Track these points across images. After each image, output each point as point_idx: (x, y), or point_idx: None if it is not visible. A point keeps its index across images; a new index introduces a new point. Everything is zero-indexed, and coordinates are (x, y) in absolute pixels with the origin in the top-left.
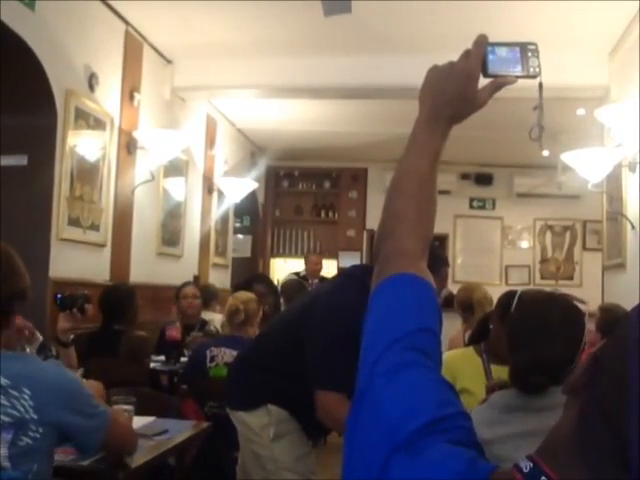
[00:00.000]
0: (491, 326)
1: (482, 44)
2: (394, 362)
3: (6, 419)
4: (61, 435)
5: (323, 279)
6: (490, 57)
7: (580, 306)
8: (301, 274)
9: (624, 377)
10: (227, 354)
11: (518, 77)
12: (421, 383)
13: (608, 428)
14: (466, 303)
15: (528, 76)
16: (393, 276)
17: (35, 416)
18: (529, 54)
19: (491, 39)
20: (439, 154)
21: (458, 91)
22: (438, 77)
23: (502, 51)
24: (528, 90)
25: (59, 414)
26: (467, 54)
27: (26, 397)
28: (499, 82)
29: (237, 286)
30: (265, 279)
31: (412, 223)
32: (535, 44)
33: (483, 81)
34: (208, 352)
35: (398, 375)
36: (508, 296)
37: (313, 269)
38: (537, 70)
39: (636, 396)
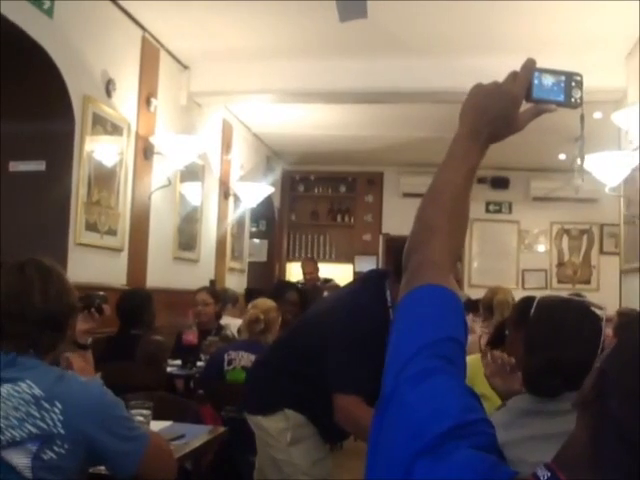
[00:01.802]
0: (507, 332)
1: (530, 69)
2: (420, 368)
3: (34, 430)
4: (91, 455)
5: (326, 281)
6: (535, 82)
7: (597, 311)
8: (299, 283)
9: (634, 390)
10: (245, 358)
11: (559, 105)
12: (446, 389)
13: (622, 445)
14: (488, 304)
15: (569, 106)
16: (422, 286)
17: (63, 431)
18: (573, 84)
19: (507, 42)
20: (475, 171)
21: (501, 112)
22: (482, 96)
23: (548, 78)
24: None
25: (88, 432)
26: (514, 77)
27: (57, 411)
28: (540, 108)
29: (251, 292)
30: (297, 288)
31: (443, 236)
32: (581, 75)
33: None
34: (226, 355)
35: (424, 381)
36: (525, 302)
37: (305, 277)
38: (579, 101)
39: None
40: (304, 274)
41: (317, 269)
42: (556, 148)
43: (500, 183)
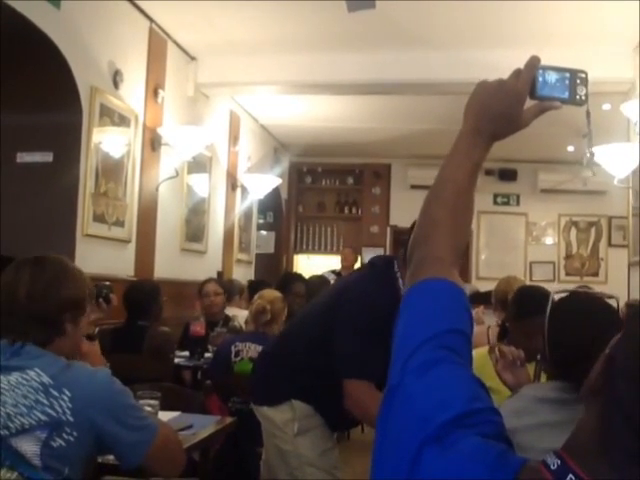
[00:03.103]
0: (507, 324)
1: (534, 67)
2: (425, 359)
3: (43, 417)
4: (99, 443)
5: None
6: (539, 80)
7: (611, 302)
8: (337, 271)
9: None
10: (252, 349)
11: (564, 102)
12: (451, 378)
13: (630, 430)
14: (502, 295)
15: (574, 103)
16: (427, 279)
17: (71, 419)
18: (578, 81)
19: (516, 34)
20: (479, 167)
21: (504, 110)
22: (486, 93)
23: (552, 75)
24: None
25: (97, 420)
26: (517, 74)
27: (65, 398)
28: (545, 106)
29: (255, 285)
30: (304, 279)
31: (447, 231)
32: (585, 72)
33: (528, 101)
34: (233, 347)
35: (429, 371)
36: (519, 295)
37: (343, 264)
38: (583, 98)
39: None
40: (341, 262)
41: (355, 259)
42: (564, 140)
43: (508, 175)
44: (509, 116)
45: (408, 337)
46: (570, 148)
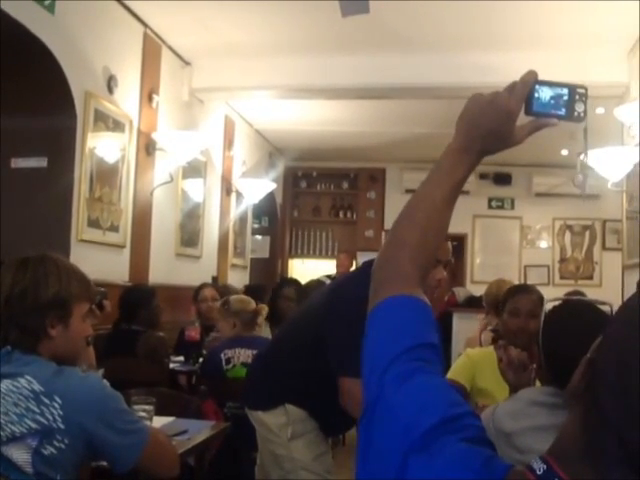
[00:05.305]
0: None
1: (529, 83)
2: (402, 371)
3: (34, 425)
4: (90, 449)
5: None
6: (536, 95)
7: (603, 307)
8: (332, 276)
9: (620, 381)
10: (243, 354)
11: (560, 119)
12: (430, 386)
13: (611, 434)
14: (493, 299)
15: (572, 120)
16: (393, 297)
17: (62, 426)
18: (576, 97)
19: (510, 38)
20: (460, 186)
21: (494, 127)
22: (477, 108)
23: (549, 91)
24: None
25: (88, 426)
26: (511, 89)
27: (56, 406)
28: (540, 123)
29: (252, 289)
30: (297, 283)
31: (413, 251)
32: (585, 88)
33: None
34: (222, 355)
35: (407, 381)
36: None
37: (338, 269)
38: (582, 115)
39: (637, 402)
40: (337, 266)
41: (350, 264)
42: (558, 144)
43: (502, 179)
44: (499, 134)
45: (380, 352)
46: (564, 152)
